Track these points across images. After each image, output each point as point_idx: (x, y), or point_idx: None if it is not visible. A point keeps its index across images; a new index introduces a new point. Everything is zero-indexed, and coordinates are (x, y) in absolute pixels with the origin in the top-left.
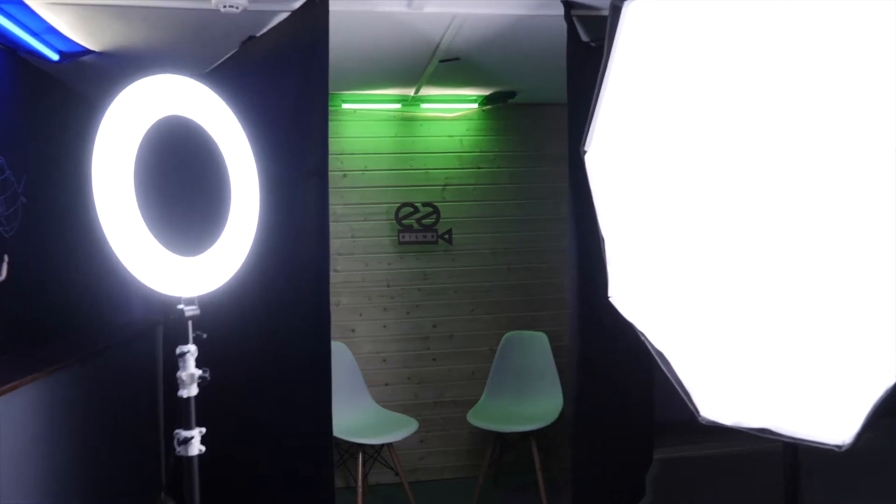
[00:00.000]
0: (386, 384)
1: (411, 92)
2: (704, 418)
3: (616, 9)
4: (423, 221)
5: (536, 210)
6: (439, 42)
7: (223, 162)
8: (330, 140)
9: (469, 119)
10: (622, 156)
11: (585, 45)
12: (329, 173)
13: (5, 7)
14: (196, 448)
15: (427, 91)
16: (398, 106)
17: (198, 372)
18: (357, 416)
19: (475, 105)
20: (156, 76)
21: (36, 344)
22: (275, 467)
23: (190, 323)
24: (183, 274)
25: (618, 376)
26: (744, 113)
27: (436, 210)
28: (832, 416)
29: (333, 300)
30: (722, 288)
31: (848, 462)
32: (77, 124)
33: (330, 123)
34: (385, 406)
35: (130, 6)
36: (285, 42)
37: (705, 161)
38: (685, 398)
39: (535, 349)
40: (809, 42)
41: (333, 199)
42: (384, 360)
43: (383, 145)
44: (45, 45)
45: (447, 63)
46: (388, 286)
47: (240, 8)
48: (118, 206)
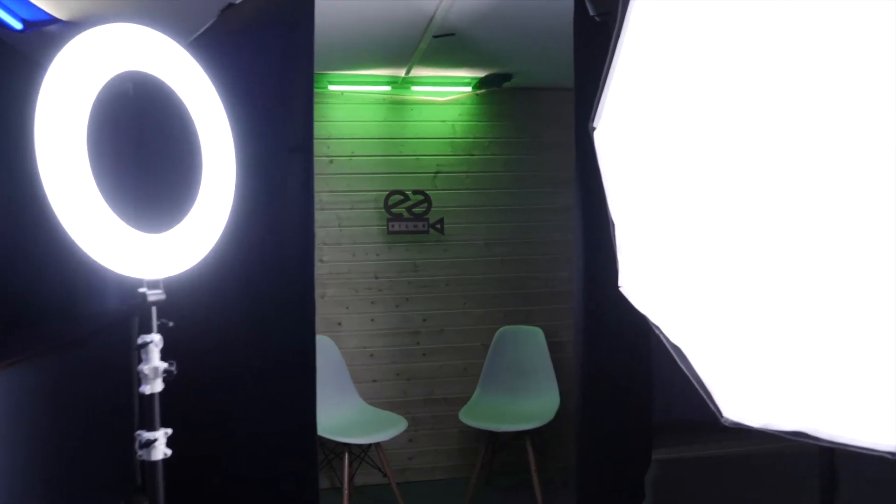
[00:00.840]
0: (374, 381)
1: (402, 73)
2: (728, 420)
3: None
4: (414, 210)
5: (532, 199)
6: (433, 14)
7: (194, 128)
8: (316, 124)
9: (462, 103)
10: (635, 132)
11: (593, 20)
12: (314, 158)
13: None
14: (160, 452)
15: (418, 72)
16: (388, 88)
17: (162, 365)
18: (343, 414)
19: (469, 89)
20: (113, 24)
21: None
22: (255, 468)
23: (154, 309)
24: (146, 252)
25: (620, 374)
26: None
27: (427, 198)
28: (885, 418)
29: (319, 292)
30: (747, 274)
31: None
32: None
33: (316, 106)
34: (373, 404)
35: None
36: (268, 11)
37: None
38: (705, 398)
39: (530, 345)
40: (849, 17)
41: (319, 186)
42: (372, 356)
43: (372, 130)
44: (8, 13)
45: (441, 39)
46: (377, 278)
47: None
48: (66, 173)
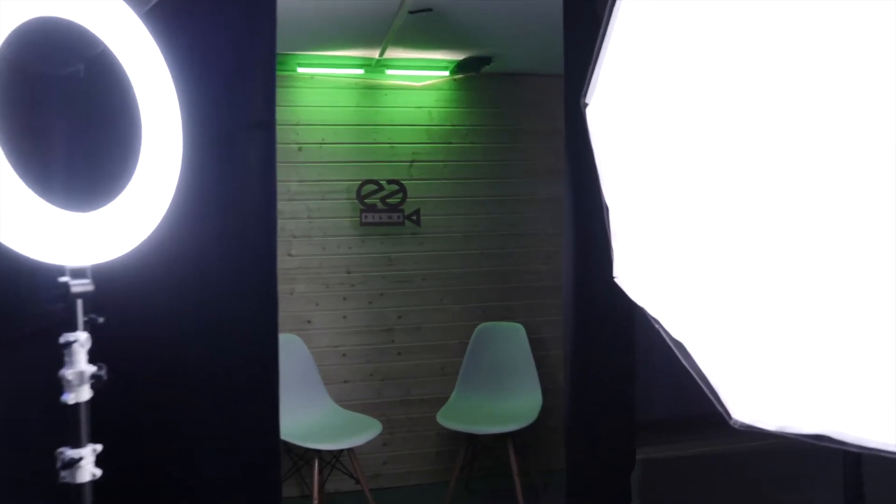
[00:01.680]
0: (345, 381)
1: (376, 54)
2: (737, 422)
3: None
4: (388, 201)
5: (512, 190)
6: None
7: (132, 92)
8: (284, 109)
9: (439, 89)
10: (630, 109)
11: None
12: (284, 145)
13: None
14: (88, 472)
15: (393, 53)
16: (361, 71)
17: (90, 369)
18: (313, 418)
19: (446, 73)
20: None
21: None
22: (210, 485)
23: (79, 303)
24: (68, 234)
25: (606, 372)
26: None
27: (402, 188)
28: None
29: (287, 288)
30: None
31: None
32: None
33: (284, 90)
34: (344, 406)
35: None
36: None
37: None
38: (711, 398)
39: (511, 342)
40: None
41: (288, 175)
42: (344, 355)
43: (344, 116)
44: None
45: (417, 15)
46: (349, 272)
47: None
48: None
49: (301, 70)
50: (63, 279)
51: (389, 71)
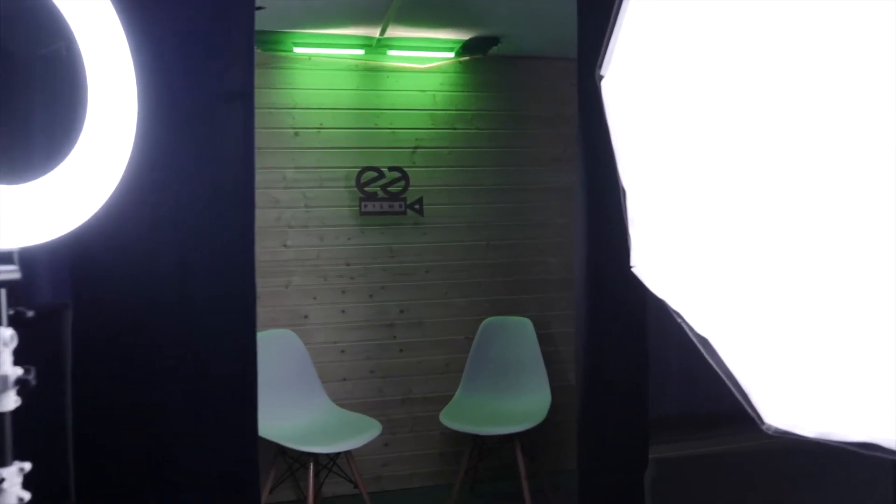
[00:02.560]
0: (344, 379)
1: (376, 33)
2: (770, 427)
3: None
4: (389, 189)
5: (521, 178)
6: None
7: (76, 50)
8: (280, 92)
9: (444, 72)
10: (650, 80)
11: None
12: (281, 131)
13: None
14: (13, 496)
15: (395, 32)
16: (361, 52)
17: (15, 373)
18: (309, 419)
19: (451, 55)
20: None
21: None
22: (186, 478)
23: (3, 293)
24: None
25: (619, 368)
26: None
27: (404, 176)
28: None
29: (283, 280)
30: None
31: None
32: None
33: (280, 72)
34: (343, 405)
35: None
36: None
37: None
38: (741, 400)
39: (519, 337)
40: None
41: (283, 162)
42: (342, 352)
43: (343, 99)
44: None
45: None
46: (348, 265)
47: None
48: None
49: (298, 50)
50: None
51: (391, 52)
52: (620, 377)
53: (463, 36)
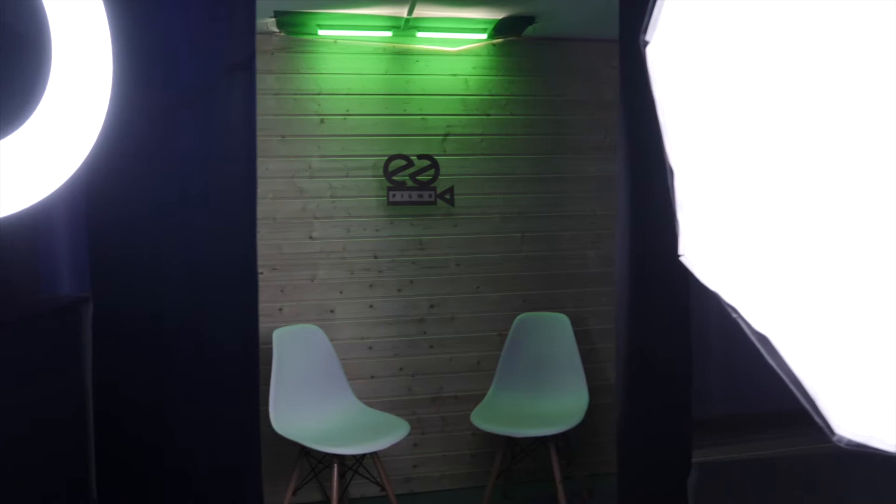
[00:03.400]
0: (372, 377)
1: (404, 12)
2: (842, 439)
3: None
4: (419, 178)
5: (557, 167)
6: None
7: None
8: (304, 77)
9: (476, 55)
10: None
11: None
12: (306, 118)
13: None
14: None
15: (424, 12)
16: (389, 34)
17: None
18: (334, 418)
19: (484, 36)
20: None
21: None
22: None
23: None
24: None
25: (662, 365)
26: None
27: (434, 164)
28: None
29: (308, 274)
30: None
31: None
32: None
33: (304, 56)
34: (370, 404)
35: None
36: None
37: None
38: (808, 407)
39: (554, 334)
40: None
41: (308, 150)
42: (370, 348)
43: (370, 84)
44: None
45: None
46: (376, 257)
47: None
48: None
49: (323, 33)
50: None
51: (420, 34)
52: (663, 375)
53: (496, 15)
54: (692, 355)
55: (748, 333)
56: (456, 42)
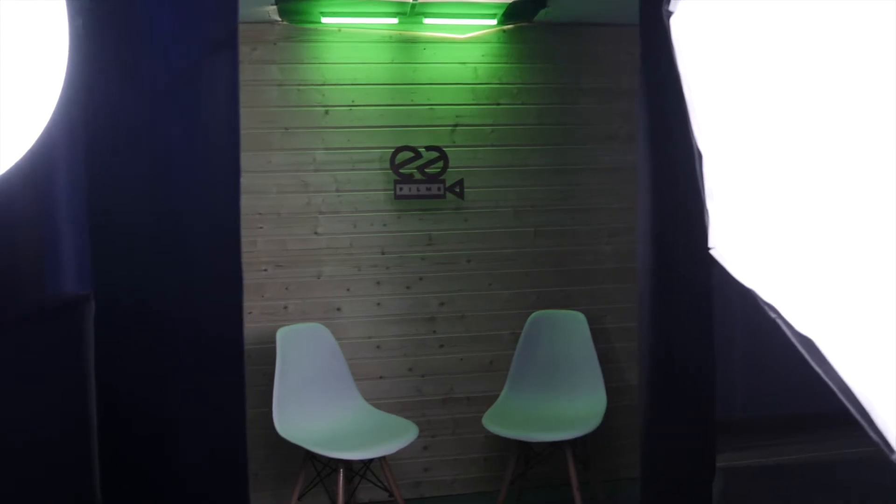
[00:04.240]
0: (380, 377)
1: None
2: None
3: None
4: (427, 170)
5: (571, 158)
6: None
7: None
8: (309, 67)
9: (486, 42)
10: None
11: None
12: (310, 109)
13: None
14: None
15: None
16: (395, 21)
17: None
18: (340, 421)
19: (493, 22)
20: None
21: None
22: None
23: None
24: None
25: (685, 366)
26: None
27: (443, 156)
28: None
29: (313, 271)
30: None
31: None
32: None
33: (308, 45)
34: (378, 405)
35: None
36: None
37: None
38: (861, 420)
39: (570, 333)
40: None
41: (313, 143)
42: (378, 347)
43: (376, 74)
44: None
45: None
46: (383, 253)
47: None
48: None
49: (326, 20)
50: None
51: (427, 20)
52: (687, 375)
53: None
54: (715, 355)
55: (790, 336)
56: (464, 28)
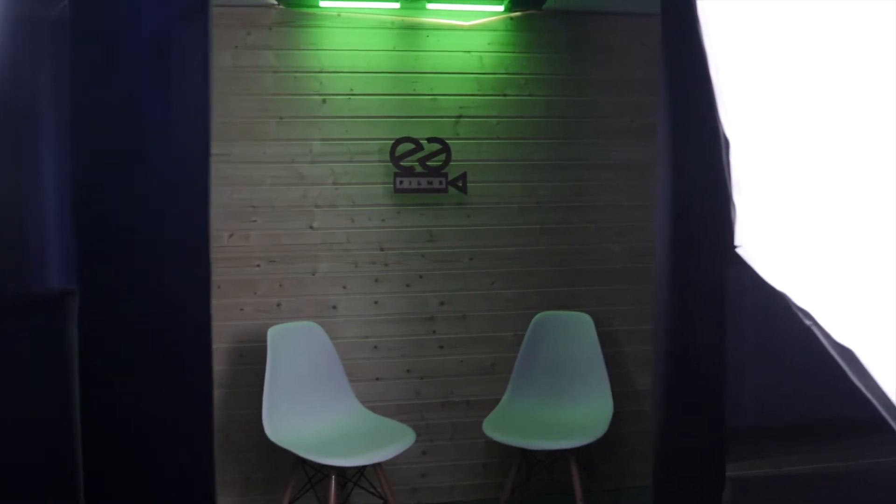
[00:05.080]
0: (377, 379)
1: None
2: None
3: None
4: (429, 163)
5: (580, 153)
6: None
7: None
8: (306, 53)
9: (492, 30)
10: None
11: None
12: (307, 98)
13: None
14: None
15: None
16: (396, 6)
17: None
18: (333, 425)
19: (500, 9)
20: None
21: None
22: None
23: None
24: None
25: (703, 368)
26: None
27: (445, 148)
28: None
29: (308, 267)
30: None
31: None
32: None
33: (305, 30)
34: (374, 408)
35: None
36: None
37: None
38: None
39: (576, 335)
40: None
41: (309, 133)
42: (375, 348)
43: (377, 61)
44: None
45: None
46: (382, 250)
47: None
48: None
49: (324, 4)
50: None
51: (431, 5)
52: (703, 381)
53: None
54: (726, 355)
55: (826, 345)
56: (470, 15)
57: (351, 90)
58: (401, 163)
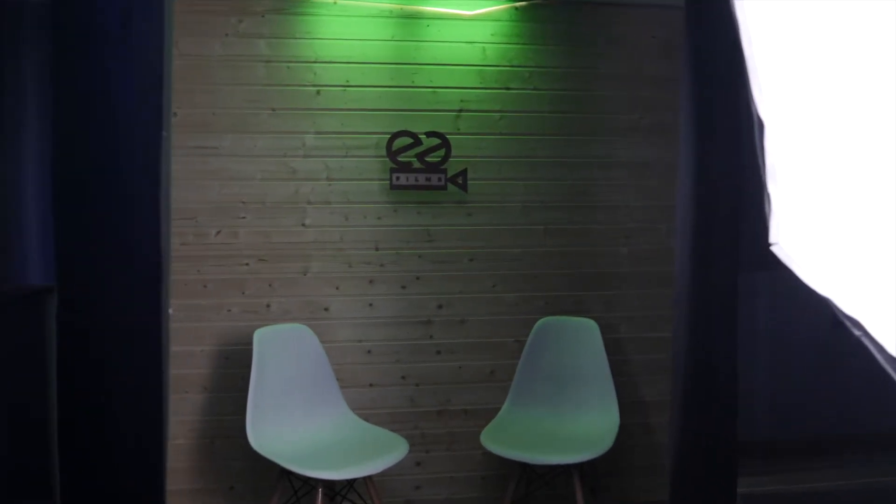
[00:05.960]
0: (370, 385)
1: None
2: None
3: None
4: (427, 159)
5: (586, 150)
6: None
7: None
8: (299, 42)
9: (495, 20)
10: None
11: None
12: (300, 88)
13: None
14: None
15: None
16: None
17: None
18: (321, 434)
19: None
20: None
21: None
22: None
23: None
24: None
25: (718, 379)
26: None
27: (445, 143)
28: None
29: (299, 267)
30: None
31: None
32: None
33: (300, 18)
34: (366, 416)
35: None
36: None
37: None
38: None
39: (581, 342)
40: None
41: (302, 126)
42: (368, 352)
43: (374, 52)
44: None
45: None
46: (377, 249)
47: None
48: None
49: None
50: None
51: None
52: (719, 394)
53: None
54: (738, 368)
55: (878, 358)
56: (473, 4)
57: (347, 81)
58: (398, 158)
